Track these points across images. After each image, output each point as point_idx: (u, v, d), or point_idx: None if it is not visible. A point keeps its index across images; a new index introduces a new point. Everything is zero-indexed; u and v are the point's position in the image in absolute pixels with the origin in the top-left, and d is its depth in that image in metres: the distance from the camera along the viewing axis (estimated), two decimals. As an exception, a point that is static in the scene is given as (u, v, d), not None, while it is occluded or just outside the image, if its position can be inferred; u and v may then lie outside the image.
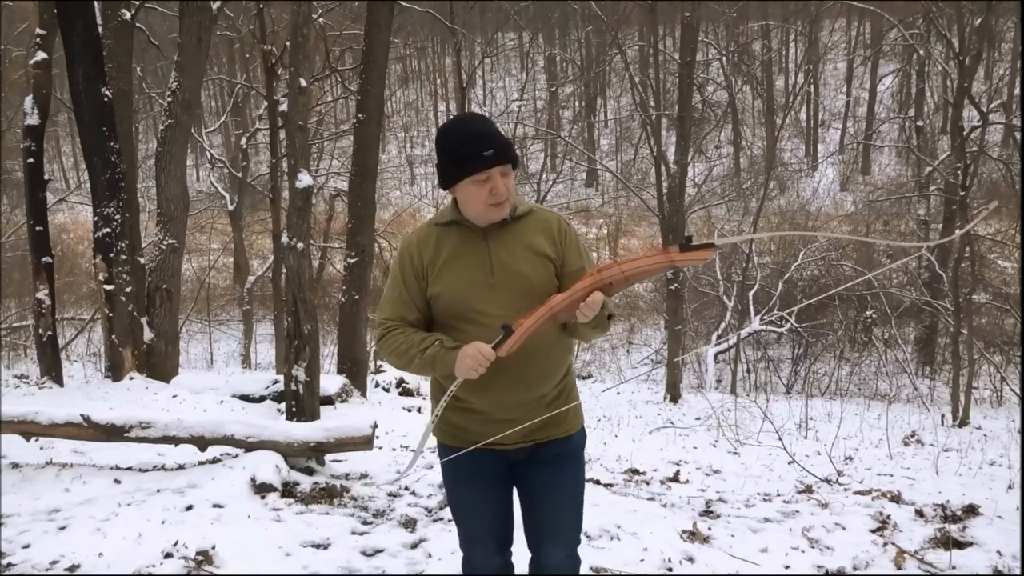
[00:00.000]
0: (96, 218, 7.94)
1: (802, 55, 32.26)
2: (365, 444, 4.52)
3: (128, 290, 7.98)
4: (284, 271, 6.21)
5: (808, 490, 4.79)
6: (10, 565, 3.29)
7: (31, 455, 4.89)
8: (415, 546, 3.60)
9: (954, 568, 3.39)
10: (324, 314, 14.33)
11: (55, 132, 29.30)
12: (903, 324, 16.37)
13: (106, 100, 7.78)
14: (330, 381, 7.94)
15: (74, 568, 3.28)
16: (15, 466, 4.62)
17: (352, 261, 9.14)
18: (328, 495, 4.26)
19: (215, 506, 3.88)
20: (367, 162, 9.19)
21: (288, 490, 4.25)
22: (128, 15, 8.55)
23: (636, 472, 5.47)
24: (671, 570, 3.37)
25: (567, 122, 32.07)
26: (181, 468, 4.66)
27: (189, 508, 3.85)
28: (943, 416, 10.84)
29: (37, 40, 9.08)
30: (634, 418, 10.42)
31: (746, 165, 29.05)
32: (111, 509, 3.83)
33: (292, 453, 4.50)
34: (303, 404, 5.99)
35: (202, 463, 4.66)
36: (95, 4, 7.92)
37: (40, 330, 8.96)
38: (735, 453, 6.88)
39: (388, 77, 13.10)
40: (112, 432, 4.54)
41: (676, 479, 5.30)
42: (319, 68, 12.85)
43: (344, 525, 3.82)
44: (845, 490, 4.79)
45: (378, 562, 3.43)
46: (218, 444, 4.57)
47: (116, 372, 8.00)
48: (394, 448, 6.06)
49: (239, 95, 19.48)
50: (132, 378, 7.89)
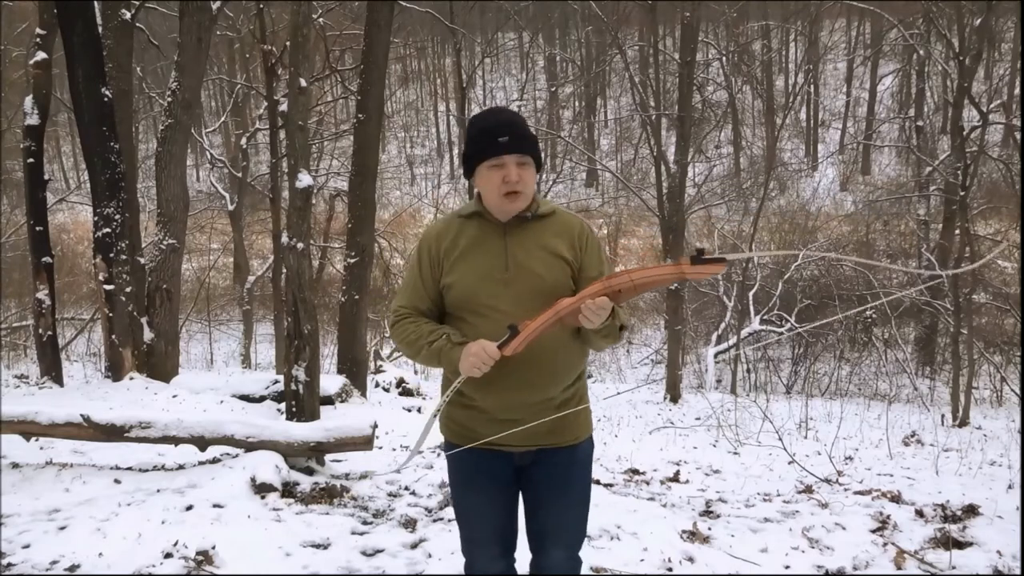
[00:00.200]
0: (96, 218, 7.94)
1: (802, 55, 32.28)
2: (365, 444, 4.52)
3: (128, 290, 7.97)
4: (284, 271, 6.21)
5: (808, 490, 4.79)
6: (10, 565, 3.29)
7: (31, 455, 4.88)
8: (415, 546, 3.60)
9: (954, 568, 3.39)
10: (324, 314, 14.32)
11: (55, 132, 29.30)
12: (903, 324, 16.36)
13: (106, 100, 7.78)
14: (330, 381, 7.94)
15: (74, 568, 3.28)
16: (15, 466, 4.62)
17: (352, 261, 9.14)
18: (328, 495, 4.26)
19: (215, 506, 3.88)
20: (367, 162, 9.19)
21: (288, 490, 4.25)
22: (128, 15, 8.55)
23: (636, 472, 5.47)
24: (671, 570, 3.37)
25: (567, 122, 32.07)
26: (181, 468, 4.66)
27: (189, 508, 3.85)
28: (943, 416, 10.83)
29: (37, 40, 9.07)
30: (634, 418, 10.41)
31: (746, 165, 29.05)
32: (111, 509, 3.83)
33: (292, 453, 4.50)
34: (303, 404, 5.99)
35: (202, 463, 4.66)
36: (95, 4, 7.91)
37: (40, 330, 8.96)
38: (735, 453, 6.88)
39: (388, 77, 13.09)
40: (112, 432, 4.54)
41: (676, 479, 5.30)
42: (319, 68, 12.85)
43: (344, 525, 3.82)
44: (845, 490, 4.79)
45: (378, 562, 3.43)
46: (218, 444, 4.57)
47: (116, 372, 8.00)
48: (394, 448, 6.06)
49: (239, 95, 19.48)
50: (132, 378, 7.88)
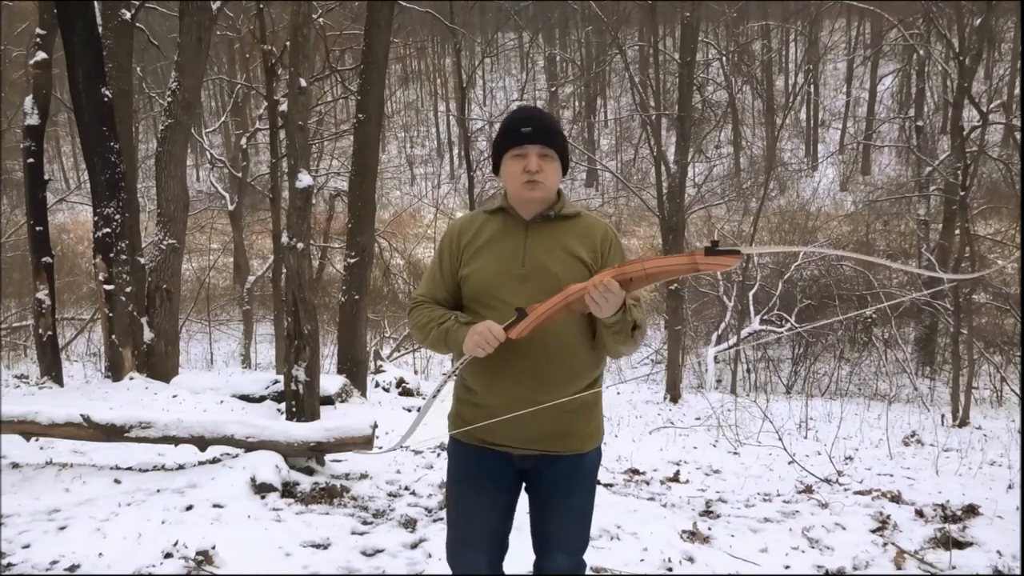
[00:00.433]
0: (96, 218, 7.93)
1: (802, 55, 32.29)
2: (365, 444, 4.52)
3: (128, 290, 7.97)
4: (284, 271, 6.21)
5: (808, 490, 4.80)
6: (10, 565, 3.29)
7: (31, 455, 4.88)
8: (415, 546, 3.60)
9: (954, 568, 3.39)
10: (324, 314, 14.32)
11: (55, 132, 29.32)
12: (903, 324, 16.36)
13: (106, 100, 7.78)
14: (330, 381, 7.94)
15: (74, 568, 3.28)
16: (15, 466, 4.62)
17: (352, 261, 9.14)
18: (328, 495, 4.26)
19: (215, 506, 3.88)
20: (367, 162, 9.19)
21: (288, 490, 4.25)
22: (128, 15, 8.55)
23: (636, 472, 5.48)
24: (671, 570, 3.37)
25: (567, 122, 32.03)
26: (181, 468, 4.66)
27: (189, 508, 3.85)
28: (943, 416, 10.83)
29: (37, 40, 9.07)
30: (634, 418, 10.40)
31: (746, 165, 29.04)
32: (111, 509, 3.83)
33: (292, 453, 4.50)
34: (303, 404, 5.99)
35: (202, 463, 4.66)
36: (95, 4, 7.91)
37: (40, 330, 8.96)
38: (735, 453, 6.88)
39: (388, 77, 13.09)
40: (112, 432, 4.54)
41: (676, 479, 5.30)
42: (319, 68, 12.85)
43: (344, 525, 3.82)
44: (845, 490, 4.80)
45: (378, 562, 3.43)
46: (218, 444, 4.57)
47: (116, 372, 8.00)
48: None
49: (239, 95, 19.46)
50: (132, 378, 7.88)
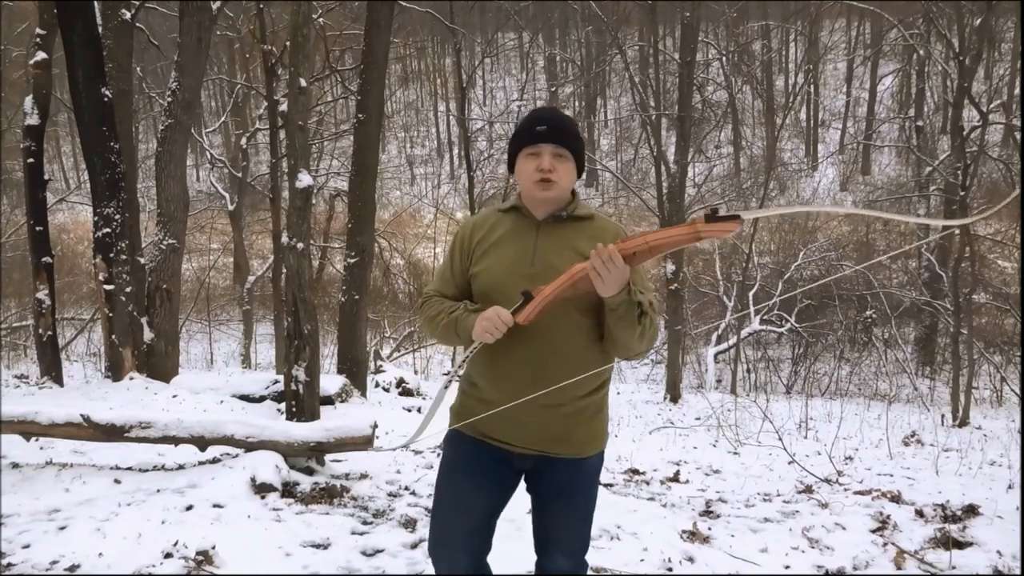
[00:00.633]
0: (96, 218, 7.93)
1: (802, 55, 32.29)
2: (365, 444, 4.52)
3: (128, 290, 7.97)
4: (284, 271, 6.21)
5: (808, 490, 4.80)
6: (10, 565, 3.29)
7: (31, 455, 4.88)
8: (415, 546, 3.60)
9: (954, 568, 3.39)
10: (324, 314, 14.32)
11: (55, 132, 29.31)
12: (903, 324, 16.37)
13: (106, 100, 7.78)
14: (330, 381, 7.94)
15: (74, 568, 3.28)
16: (15, 466, 4.62)
17: (352, 261, 9.14)
18: (328, 495, 4.26)
19: (215, 506, 3.88)
20: (367, 162, 9.19)
21: (288, 490, 4.25)
22: (128, 15, 8.55)
23: (636, 472, 5.48)
24: (671, 570, 3.37)
25: (567, 122, 32.00)
26: (181, 468, 4.65)
27: (189, 508, 3.84)
28: (943, 416, 10.83)
29: (37, 40, 9.07)
30: (634, 418, 10.41)
31: (746, 165, 29.04)
32: (111, 509, 3.83)
33: (292, 453, 4.50)
34: (303, 404, 5.99)
35: (202, 463, 4.66)
36: (95, 4, 7.91)
37: (40, 330, 8.95)
38: (735, 453, 6.89)
39: (388, 77, 13.09)
40: (112, 432, 4.54)
41: (676, 479, 5.31)
42: (319, 68, 12.85)
43: (344, 525, 3.81)
44: (845, 490, 4.80)
45: (378, 562, 3.43)
46: (218, 444, 4.57)
47: (116, 372, 7.99)
48: (394, 448, 6.06)
49: (239, 95, 19.47)
50: (132, 378, 7.88)
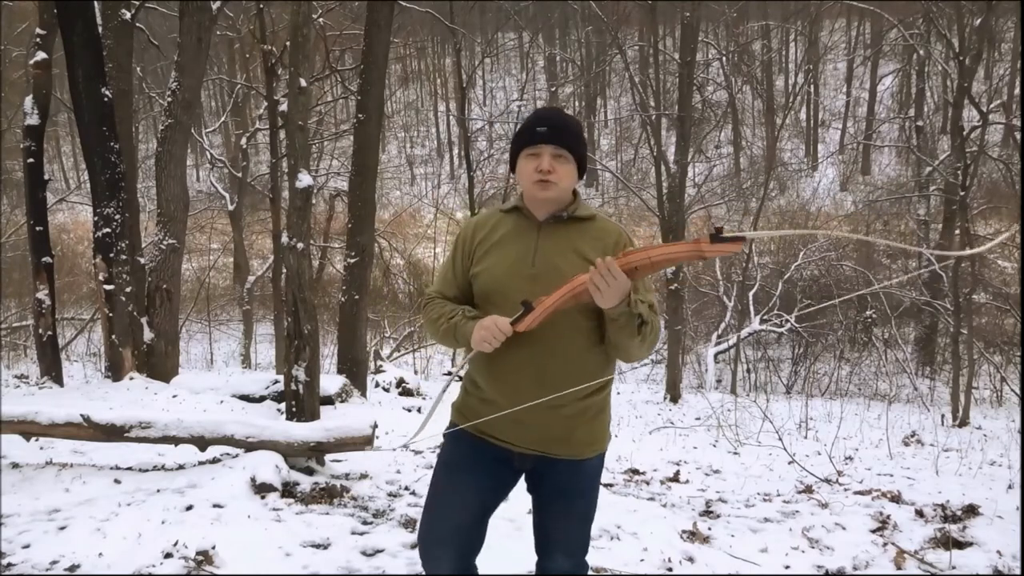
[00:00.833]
0: (96, 218, 7.93)
1: (802, 55, 32.29)
2: (365, 444, 4.52)
3: (128, 290, 7.97)
4: (284, 271, 6.21)
5: (808, 490, 4.80)
6: (10, 565, 3.28)
7: (31, 455, 4.88)
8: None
9: (954, 568, 3.39)
10: (324, 314, 14.32)
11: (55, 132, 29.32)
12: (903, 324, 16.37)
13: (106, 100, 7.78)
14: (330, 381, 7.94)
15: (74, 568, 3.28)
16: (15, 466, 4.61)
17: (352, 261, 9.14)
18: (328, 495, 4.26)
19: (215, 506, 3.88)
20: (367, 162, 9.19)
21: (288, 490, 4.25)
22: (128, 15, 8.54)
23: (636, 472, 5.48)
24: (671, 570, 3.37)
25: (567, 122, 31.98)
26: (181, 468, 4.65)
27: (189, 508, 3.84)
28: (943, 416, 10.83)
29: (37, 40, 9.07)
30: (634, 418, 10.41)
31: (746, 165, 29.06)
32: (111, 509, 3.83)
33: (292, 453, 4.50)
34: (303, 404, 5.99)
35: (202, 463, 4.66)
36: (95, 4, 7.91)
37: (40, 330, 8.95)
38: (735, 453, 6.88)
39: (388, 77, 13.09)
40: (112, 432, 4.54)
41: (676, 479, 5.30)
42: (319, 68, 12.85)
43: (344, 525, 3.81)
44: (845, 490, 4.80)
45: (378, 562, 3.43)
46: (218, 444, 4.57)
47: (116, 372, 8.00)
48: (394, 448, 6.06)
49: (239, 95, 19.47)
50: (132, 378, 7.88)
